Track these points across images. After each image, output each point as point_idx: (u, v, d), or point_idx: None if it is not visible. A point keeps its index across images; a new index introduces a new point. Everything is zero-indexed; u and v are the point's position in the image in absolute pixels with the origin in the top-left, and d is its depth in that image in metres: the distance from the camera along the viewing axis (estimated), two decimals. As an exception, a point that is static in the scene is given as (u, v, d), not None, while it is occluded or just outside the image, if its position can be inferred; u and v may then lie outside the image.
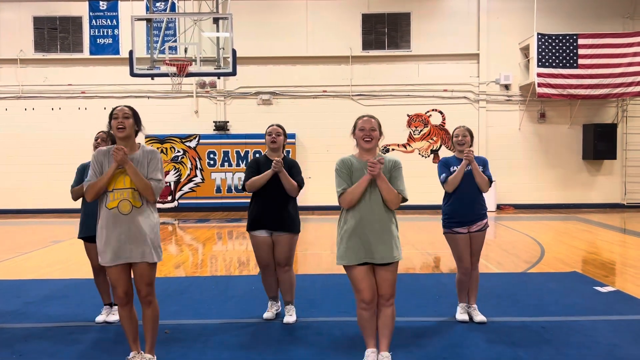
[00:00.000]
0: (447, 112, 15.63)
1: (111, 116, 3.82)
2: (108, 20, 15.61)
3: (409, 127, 15.75)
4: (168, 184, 15.45)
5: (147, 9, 12.55)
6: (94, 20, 15.62)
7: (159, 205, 15.31)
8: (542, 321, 4.99)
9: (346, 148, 3.92)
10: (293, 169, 4.93)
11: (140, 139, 3.59)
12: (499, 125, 15.64)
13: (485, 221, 4.99)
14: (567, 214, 14.31)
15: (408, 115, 15.69)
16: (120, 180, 3.71)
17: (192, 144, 15.46)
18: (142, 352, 3.91)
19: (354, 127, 3.80)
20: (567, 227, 11.84)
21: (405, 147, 15.72)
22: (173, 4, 14.73)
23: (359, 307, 3.79)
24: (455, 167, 4.92)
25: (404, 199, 3.75)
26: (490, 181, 4.95)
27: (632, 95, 14.74)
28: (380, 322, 3.83)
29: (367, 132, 3.71)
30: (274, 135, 4.93)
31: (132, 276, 3.81)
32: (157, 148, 15.38)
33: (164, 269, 7.78)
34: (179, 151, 15.46)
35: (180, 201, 15.53)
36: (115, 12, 15.55)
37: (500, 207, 15.45)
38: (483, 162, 4.99)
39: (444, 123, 15.67)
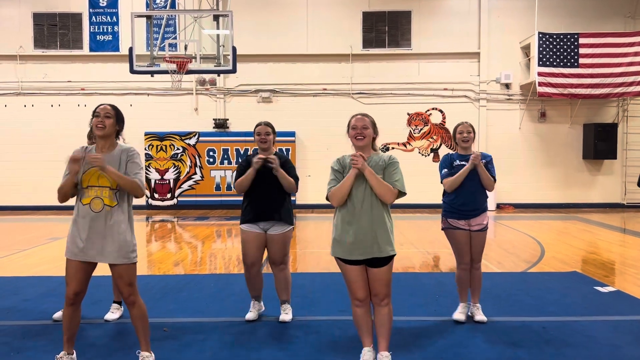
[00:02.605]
0: (447, 111, 15.60)
1: (93, 113, 3.75)
2: (108, 16, 15.56)
3: (409, 125, 15.72)
4: (169, 181, 15.42)
5: (147, 5, 12.54)
6: (93, 17, 15.57)
7: (158, 203, 15.42)
8: (542, 321, 4.97)
9: (346, 146, 3.89)
10: (287, 164, 4.93)
11: (140, 135, 3.56)
12: (499, 124, 15.62)
13: (485, 219, 4.92)
14: (567, 214, 14.30)
15: (408, 114, 15.66)
16: (94, 177, 3.65)
17: (192, 141, 15.43)
18: (139, 351, 3.88)
19: (348, 125, 3.79)
20: (567, 227, 11.82)
21: (405, 146, 15.70)
22: (173, 1, 14.68)
23: (353, 305, 3.80)
24: (458, 162, 4.83)
25: (402, 193, 3.69)
26: (494, 180, 4.92)
27: (632, 95, 14.71)
28: (377, 321, 3.82)
29: (359, 131, 3.71)
30: (263, 135, 4.86)
31: (112, 277, 3.68)
32: (157, 145, 15.36)
33: (162, 267, 7.76)
34: (178, 148, 15.43)
35: (179, 199, 15.50)
36: (115, 9, 15.51)
37: (500, 207, 15.43)
38: (488, 160, 4.91)
39: (444, 122, 15.64)
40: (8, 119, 15.55)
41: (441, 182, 4.92)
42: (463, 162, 4.83)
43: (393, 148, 15.62)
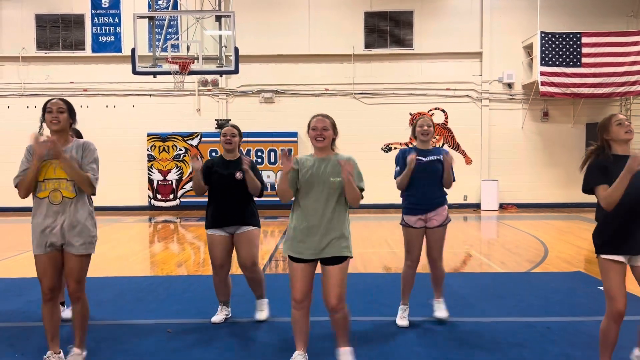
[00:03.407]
0: (449, 110, 15.59)
1: (45, 109, 3.70)
2: (110, 18, 15.59)
3: (411, 125, 15.69)
4: (171, 182, 15.43)
5: (150, 6, 12.55)
6: (96, 18, 15.60)
7: (160, 204, 15.43)
8: (546, 321, 4.96)
9: (348, 146, 3.89)
10: (254, 169, 4.88)
11: (142, 136, 3.53)
12: (501, 124, 15.61)
13: (443, 214, 4.81)
14: (570, 213, 14.27)
15: (410, 114, 15.65)
16: (51, 170, 3.63)
17: (194, 142, 15.45)
18: (65, 348, 3.85)
19: (308, 126, 3.75)
20: (570, 227, 11.80)
21: (407, 146, 15.67)
22: (175, 2, 14.71)
23: (292, 306, 3.74)
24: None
25: (361, 190, 3.69)
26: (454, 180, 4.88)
27: (635, 94, 14.69)
28: (333, 324, 3.79)
29: (319, 132, 3.69)
30: (228, 136, 4.88)
31: (63, 271, 3.69)
32: (159, 146, 15.37)
33: (166, 268, 7.77)
34: (180, 149, 15.44)
35: (182, 199, 15.51)
36: (117, 10, 15.53)
37: (502, 206, 15.42)
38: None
39: (447, 122, 15.63)
40: (11, 120, 15.58)
41: (394, 179, 4.86)
42: (420, 157, 4.78)
43: (395, 148, 15.61)
